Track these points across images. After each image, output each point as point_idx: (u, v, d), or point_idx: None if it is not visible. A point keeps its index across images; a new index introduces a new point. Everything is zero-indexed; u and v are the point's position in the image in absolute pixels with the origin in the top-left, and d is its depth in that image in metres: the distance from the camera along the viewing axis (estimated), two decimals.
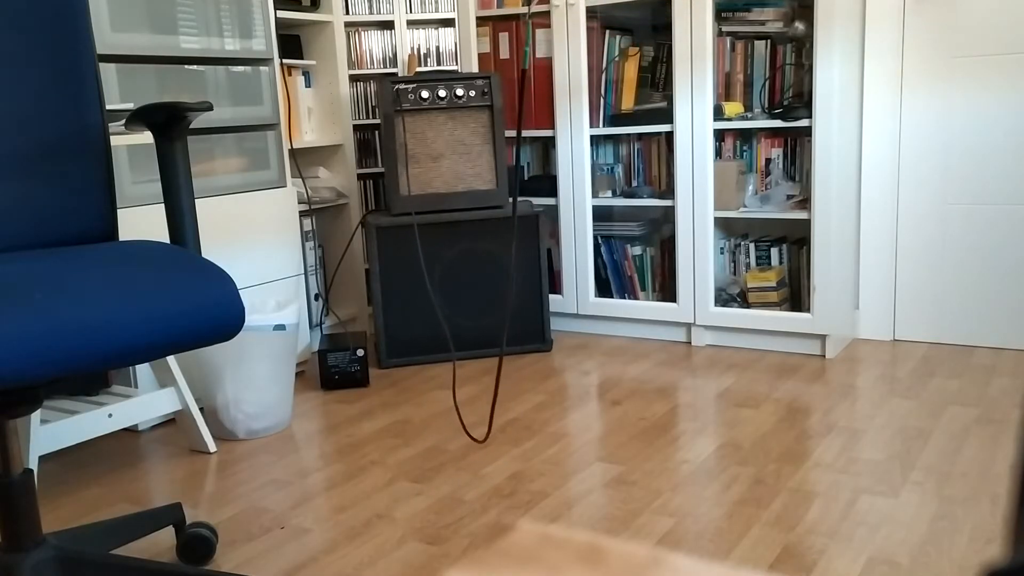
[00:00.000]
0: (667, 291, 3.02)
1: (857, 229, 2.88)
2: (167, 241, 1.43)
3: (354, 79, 3.19)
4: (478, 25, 3.16)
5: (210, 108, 1.42)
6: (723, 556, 1.60)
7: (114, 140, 2.19)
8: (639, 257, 3.07)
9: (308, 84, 3.12)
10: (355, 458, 2.12)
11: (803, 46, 2.70)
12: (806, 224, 2.69)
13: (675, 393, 2.47)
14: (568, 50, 2.97)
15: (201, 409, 2.26)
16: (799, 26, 2.68)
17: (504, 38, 3.12)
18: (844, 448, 2.03)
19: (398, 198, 2.83)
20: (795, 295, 2.84)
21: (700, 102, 2.77)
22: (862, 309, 2.92)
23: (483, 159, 2.88)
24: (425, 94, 2.79)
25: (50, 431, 1.93)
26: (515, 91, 3.13)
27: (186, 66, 2.40)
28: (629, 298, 3.09)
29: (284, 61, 2.92)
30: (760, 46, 2.76)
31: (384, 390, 2.63)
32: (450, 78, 2.82)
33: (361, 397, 2.58)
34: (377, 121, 3.24)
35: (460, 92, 2.81)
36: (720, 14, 2.78)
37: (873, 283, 2.87)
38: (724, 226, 2.97)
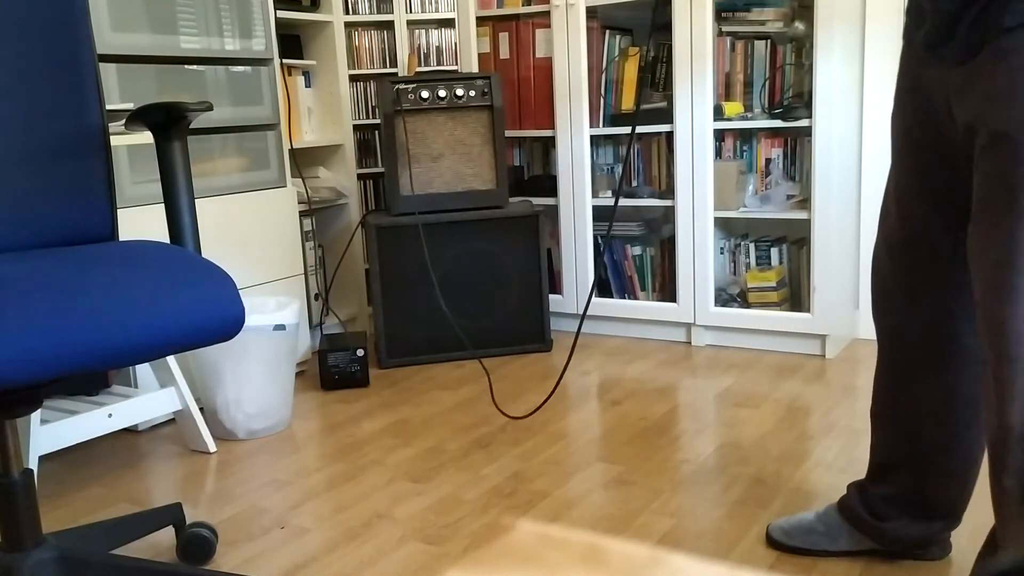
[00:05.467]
0: (667, 291, 3.02)
1: (857, 229, 2.88)
2: (167, 241, 1.43)
3: (354, 79, 3.19)
4: (478, 25, 3.16)
5: (210, 108, 1.42)
6: (723, 556, 1.60)
7: (114, 140, 2.19)
8: (639, 257, 3.07)
9: (308, 84, 3.12)
10: (355, 458, 2.12)
11: (803, 46, 2.70)
12: (806, 224, 2.69)
13: (675, 393, 2.47)
14: (568, 50, 2.97)
15: (201, 409, 2.26)
16: (799, 26, 2.68)
17: (504, 38, 3.12)
18: (844, 448, 2.03)
19: (398, 198, 2.83)
20: (795, 295, 2.84)
21: (700, 102, 2.77)
22: (862, 309, 2.92)
23: (483, 159, 2.88)
24: (425, 94, 2.79)
25: (50, 431, 1.93)
26: (515, 91, 3.13)
27: (186, 66, 2.40)
28: (629, 298, 3.09)
29: (284, 61, 2.92)
30: (760, 46, 2.76)
31: (384, 390, 2.63)
32: (450, 78, 2.82)
33: (361, 397, 2.58)
34: (377, 121, 3.24)
35: (460, 92, 2.81)
36: (720, 14, 2.78)
37: None
38: (724, 226, 2.97)
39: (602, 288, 3.13)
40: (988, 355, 1.13)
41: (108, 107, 1.82)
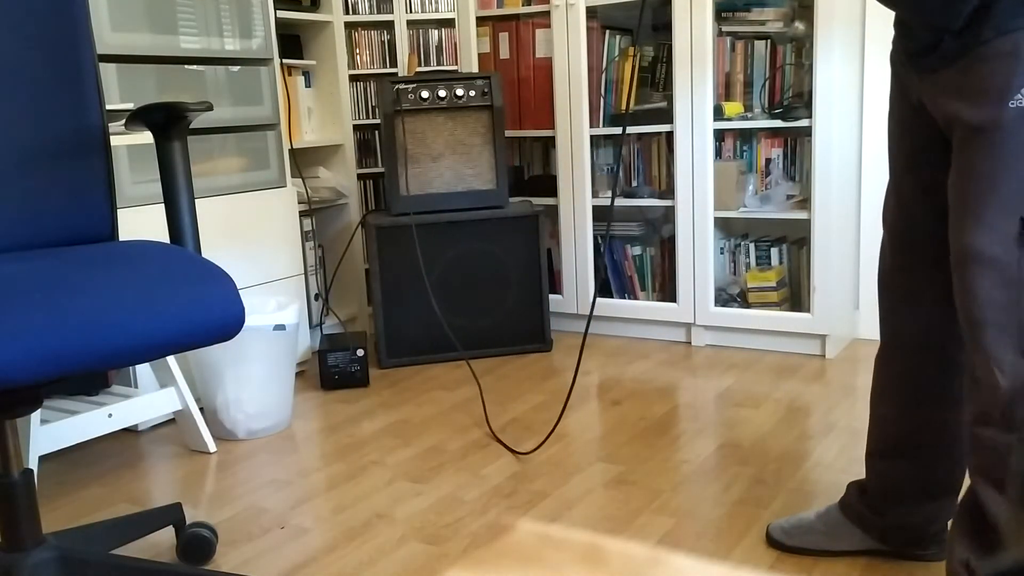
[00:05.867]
0: (667, 291, 3.02)
1: (857, 229, 2.88)
2: (167, 241, 1.43)
3: (354, 79, 3.19)
4: (478, 25, 3.16)
5: (210, 108, 1.42)
6: (723, 556, 1.60)
7: (114, 140, 2.19)
8: (639, 257, 3.07)
9: (308, 84, 3.12)
10: (355, 458, 2.12)
11: (803, 46, 2.70)
12: (806, 224, 2.69)
13: (675, 393, 2.47)
14: (568, 50, 2.97)
15: (201, 409, 2.26)
16: (799, 26, 2.68)
17: (504, 38, 3.12)
18: (844, 448, 2.03)
19: (398, 198, 2.83)
20: (795, 295, 2.84)
21: (700, 102, 2.77)
22: (862, 309, 2.92)
23: (483, 159, 2.88)
24: (425, 94, 2.79)
25: (50, 431, 1.93)
26: (515, 91, 3.13)
27: (186, 66, 2.40)
28: (629, 298, 3.09)
29: (284, 61, 2.92)
30: (760, 46, 2.76)
31: (384, 390, 2.63)
32: (450, 78, 2.82)
33: (361, 397, 2.58)
34: (377, 121, 3.24)
35: (460, 92, 2.81)
36: (720, 14, 2.78)
37: (873, 283, 2.87)
38: (724, 226, 2.97)
39: (602, 288, 3.13)
40: (964, 325, 1.20)
41: (108, 107, 1.82)
